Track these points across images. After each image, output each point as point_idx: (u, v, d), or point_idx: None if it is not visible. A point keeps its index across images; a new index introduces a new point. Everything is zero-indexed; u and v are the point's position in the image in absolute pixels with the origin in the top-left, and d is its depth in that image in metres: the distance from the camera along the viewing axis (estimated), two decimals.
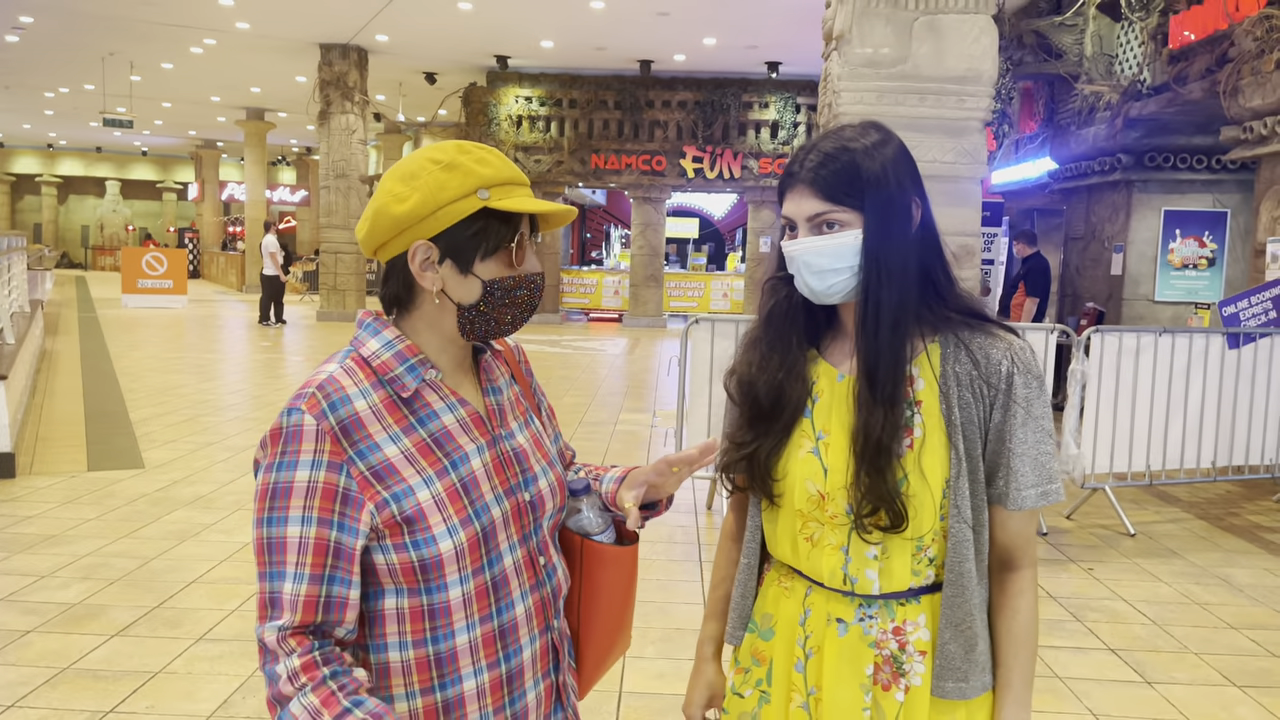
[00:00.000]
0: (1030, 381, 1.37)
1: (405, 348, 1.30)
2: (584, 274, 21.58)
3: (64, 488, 6.07)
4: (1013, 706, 1.40)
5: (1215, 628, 4.35)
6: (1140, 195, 10.79)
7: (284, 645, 1.18)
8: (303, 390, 1.25)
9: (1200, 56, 8.71)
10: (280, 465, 1.21)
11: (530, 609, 1.35)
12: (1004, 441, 1.37)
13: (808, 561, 1.43)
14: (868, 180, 1.34)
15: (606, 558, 1.45)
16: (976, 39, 4.81)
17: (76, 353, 12.55)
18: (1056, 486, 1.39)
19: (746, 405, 1.47)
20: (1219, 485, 7.02)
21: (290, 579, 1.19)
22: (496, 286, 1.30)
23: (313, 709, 1.16)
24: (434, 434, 1.29)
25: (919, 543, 1.37)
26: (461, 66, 18.60)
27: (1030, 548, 1.42)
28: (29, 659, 3.63)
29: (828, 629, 1.41)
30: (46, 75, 21.24)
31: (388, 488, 1.23)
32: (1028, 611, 1.41)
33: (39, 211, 39.56)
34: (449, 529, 1.25)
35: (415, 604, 1.26)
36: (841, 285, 1.37)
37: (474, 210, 1.27)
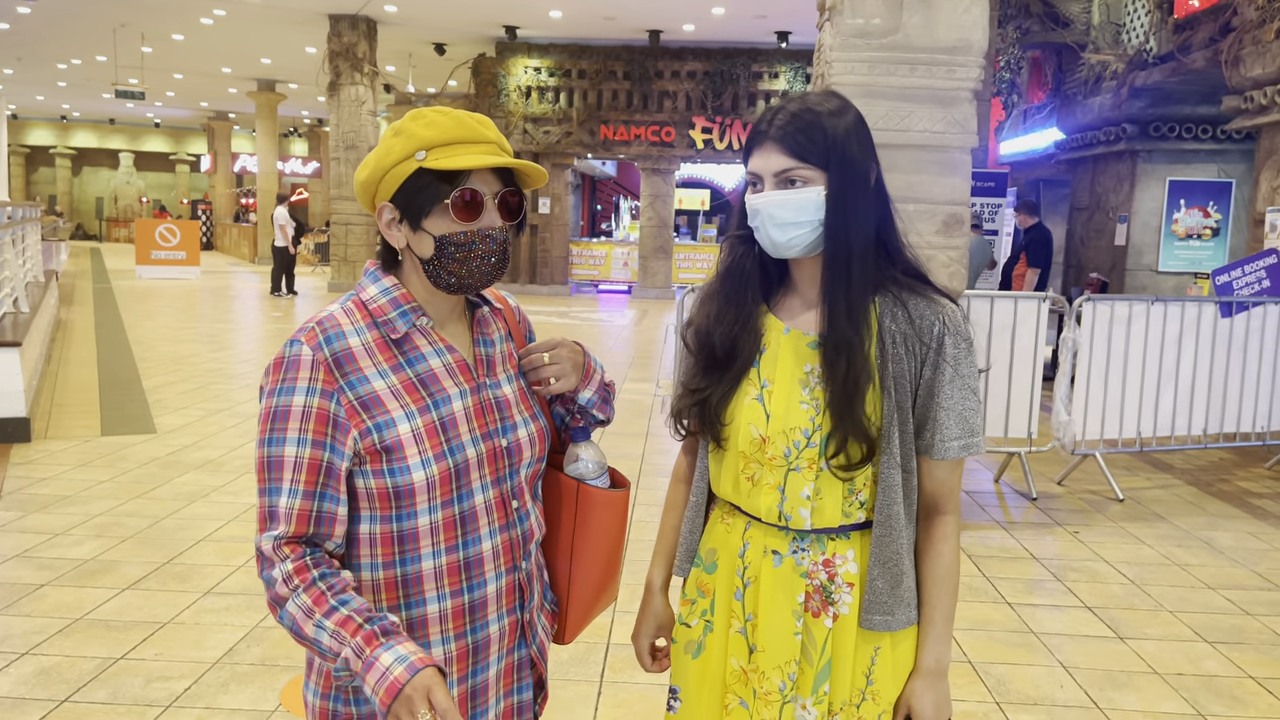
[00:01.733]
0: (959, 343, 1.47)
1: (400, 295, 1.43)
2: (593, 246, 21.64)
3: (78, 451, 6.25)
4: (935, 641, 1.52)
5: (1192, 587, 4.46)
6: (1145, 165, 10.78)
7: (279, 553, 1.31)
8: (305, 325, 1.39)
9: (1204, 25, 8.69)
10: (280, 390, 1.34)
11: (498, 547, 1.45)
12: (932, 396, 1.47)
13: (748, 499, 1.53)
14: (832, 142, 1.44)
15: (598, 501, 1.56)
16: (967, 9, 4.85)
17: (91, 322, 12.74)
18: (978, 440, 1.50)
19: (702, 355, 1.57)
20: (1212, 452, 7.10)
21: (285, 494, 1.32)
22: (447, 241, 1.39)
23: (305, 608, 1.29)
24: (420, 374, 1.40)
25: (851, 485, 1.48)
26: (470, 37, 18.60)
27: (954, 495, 1.53)
28: (43, 610, 3.80)
29: (764, 560, 1.52)
30: (58, 47, 21.33)
31: (372, 417, 1.35)
32: (950, 555, 1.52)
33: (53, 183, 39.79)
34: (423, 461, 1.36)
35: (386, 530, 1.38)
36: (801, 239, 1.46)
37: (412, 171, 1.37)
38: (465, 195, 1.37)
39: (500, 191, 1.41)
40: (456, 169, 1.36)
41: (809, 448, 1.48)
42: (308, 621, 1.29)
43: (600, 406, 1.63)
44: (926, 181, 4.91)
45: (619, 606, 3.97)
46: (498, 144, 1.41)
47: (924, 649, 1.52)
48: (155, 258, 20.92)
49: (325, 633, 1.29)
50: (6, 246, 8.27)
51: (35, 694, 3.14)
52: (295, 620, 1.30)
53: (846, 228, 1.44)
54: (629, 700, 3.23)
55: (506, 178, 1.42)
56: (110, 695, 3.15)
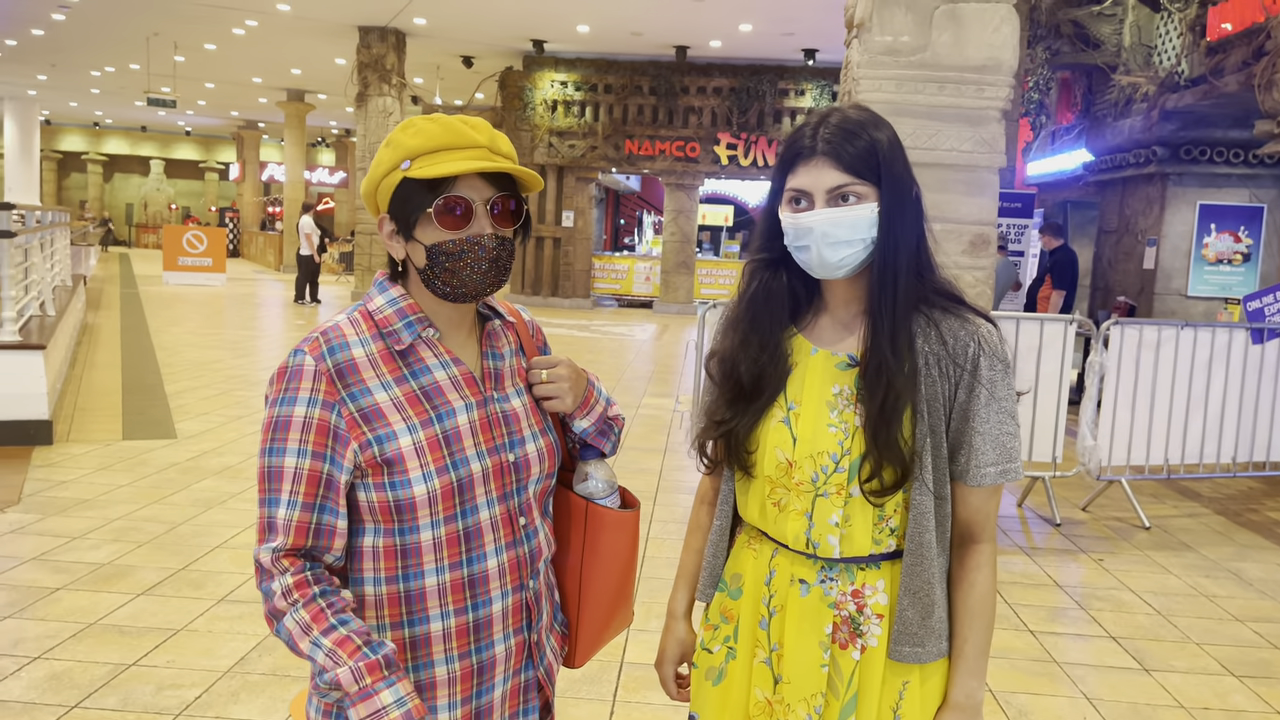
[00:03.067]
0: (995, 364, 1.42)
1: (406, 305, 1.40)
2: (615, 260, 21.65)
3: (99, 455, 6.27)
4: (965, 676, 1.46)
5: (1220, 619, 4.36)
6: (1175, 188, 10.67)
7: (277, 565, 1.29)
8: (310, 334, 1.38)
9: (1237, 49, 8.59)
10: (282, 400, 1.33)
11: (504, 564, 1.42)
12: (967, 420, 1.42)
13: (774, 525, 1.48)
14: (884, 157, 1.39)
15: (608, 521, 1.53)
16: (997, 28, 4.81)
17: (117, 327, 12.85)
18: (1016, 465, 1.43)
19: (727, 386, 1.52)
20: (1241, 481, 6.97)
21: (284, 505, 1.30)
22: (437, 250, 1.36)
23: (303, 623, 1.27)
24: (424, 387, 1.38)
25: (881, 512, 1.42)
26: (498, 50, 18.69)
27: (990, 524, 1.47)
28: (57, 614, 3.80)
29: (791, 589, 1.47)
30: (92, 54, 21.62)
31: (373, 429, 1.33)
32: (985, 585, 1.46)
33: (85, 189, 40.28)
34: (424, 475, 1.34)
35: (389, 543, 1.36)
36: (852, 258, 1.40)
37: (399, 182, 1.36)
38: (448, 203, 1.35)
39: (492, 197, 1.37)
40: (438, 176, 1.33)
41: (837, 472, 1.43)
42: (304, 638, 1.28)
43: (596, 439, 1.58)
44: (954, 201, 4.87)
45: (634, 626, 3.92)
46: (488, 148, 1.37)
47: (954, 683, 1.46)
48: (182, 264, 21.12)
49: (321, 650, 1.27)
50: (35, 250, 8.34)
51: (46, 699, 3.13)
52: (291, 635, 1.29)
53: (896, 245, 1.40)
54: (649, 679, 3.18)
55: (502, 183, 1.39)
56: (121, 702, 3.14)
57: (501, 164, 1.36)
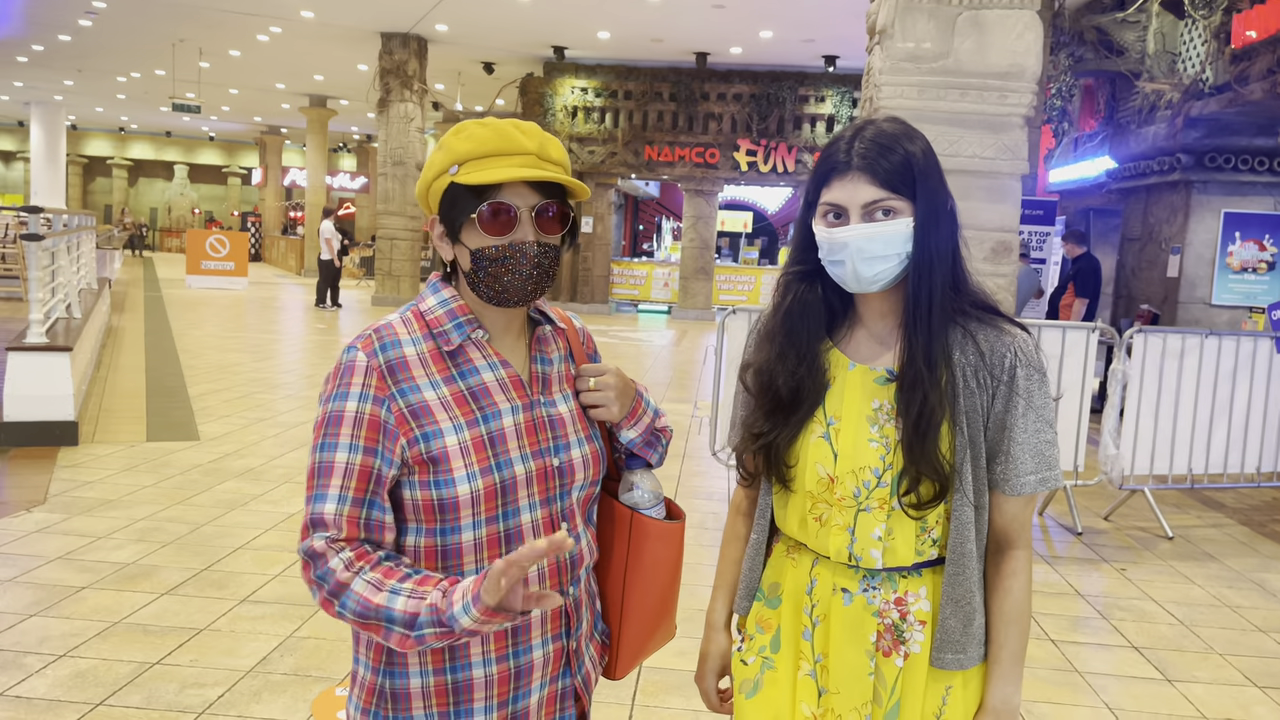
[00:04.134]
0: (1032, 374, 1.42)
1: (457, 306, 1.42)
2: (634, 265, 21.68)
3: (123, 456, 6.34)
4: (1001, 681, 1.47)
5: (1243, 630, 4.32)
6: (1199, 196, 10.58)
7: (333, 546, 1.28)
8: (363, 332, 1.40)
9: (1262, 56, 8.53)
10: (335, 396, 1.34)
11: (544, 569, 1.41)
12: (1005, 430, 1.43)
13: (815, 539, 1.48)
14: (919, 171, 1.39)
15: (652, 532, 1.52)
16: (1020, 35, 4.80)
17: (141, 330, 12.97)
18: (1055, 474, 1.44)
19: (765, 398, 1.51)
20: (1266, 491, 6.91)
21: (334, 500, 1.30)
22: (481, 255, 1.37)
23: (375, 580, 1.26)
24: (472, 387, 1.39)
25: (923, 524, 1.43)
26: (519, 57, 18.78)
27: (1025, 531, 1.48)
28: (82, 613, 3.84)
29: (833, 598, 1.47)
30: (118, 60, 21.87)
31: (420, 427, 1.33)
32: (1020, 591, 1.47)
33: (110, 193, 40.71)
34: (468, 474, 1.34)
35: (430, 543, 1.37)
36: (887, 273, 1.41)
37: (446, 186, 1.38)
38: (492, 209, 1.36)
39: (538, 204, 1.37)
40: (483, 184, 1.34)
41: (880, 487, 1.42)
42: (378, 592, 1.26)
43: (643, 449, 1.57)
44: (976, 208, 4.85)
45: None
46: (537, 154, 1.37)
47: (991, 688, 1.47)
48: (205, 268, 21.32)
49: (401, 595, 1.25)
50: (61, 254, 8.44)
51: (71, 696, 3.17)
52: (362, 597, 1.26)
53: (931, 260, 1.40)
54: (665, 685, 3.18)
55: (549, 190, 1.39)
56: (145, 700, 3.17)
57: (549, 172, 1.36)
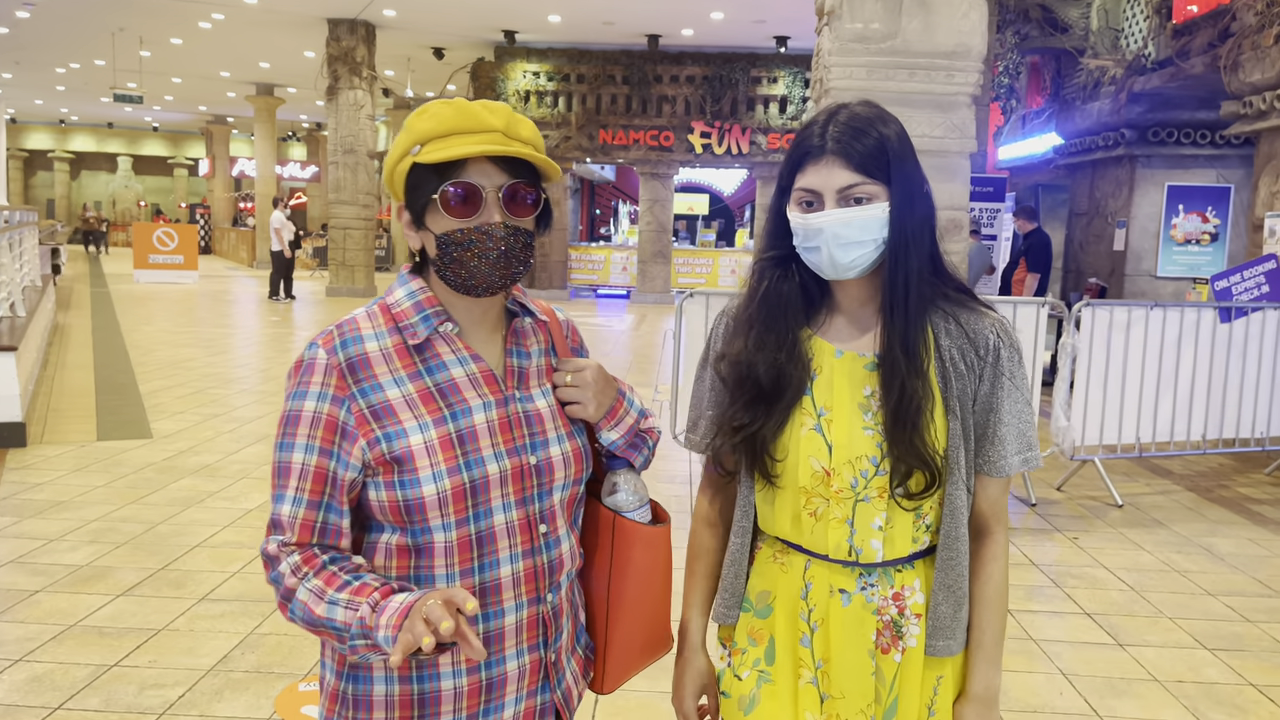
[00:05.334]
0: (1014, 354, 1.43)
1: (425, 299, 1.35)
2: (592, 250, 21.64)
3: (74, 456, 6.22)
4: (985, 666, 1.46)
5: (1192, 594, 4.45)
6: (1144, 170, 10.79)
7: (285, 550, 1.26)
8: (327, 328, 1.34)
9: (1203, 31, 8.69)
10: (294, 395, 1.30)
11: (519, 573, 1.34)
12: (992, 412, 1.42)
13: (810, 536, 1.43)
14: (894, 155, 1.36)
15: (638, 536, 1.44)
16: (965, 14, 4.85)
17: (88, 326, 12.72)
18: (1036, 453, 1.44)
19: (743, 388, 1.44)
20: (1211, 458, 7.09)
21: (290, 502, 1.27)
22: (446, 240, 1.30)
23: (316, 590, 1.22)
24: (439, 383, 1.32)
25: (919, 510, 1.41)
26: (469, 41, 18.60)
27: (1004, 513, 1.48)
28: (37, 616, 3.78)
29: (831, 600, 1.43)
30: (57, 51, 21.33)
31: (382, 427, 1.28)
32: (1000, 575, 1.47)
33: (52, 187, 39.78)
34: (434, 474, 1.28)
35: (402, 542, 1.31)
36: (863, 259, 1.37)
37: (408, 167, 1.31)
38: (454, 189, 1.28)
39: (505, 185, 1.30)
40: (445, 160, 1.27)
41: (878, 475, 1.39)
42: (319, 602, 1.22)
43: (626, 451, 1.48)
44: None
45: None
46: (503, 132, 1.29)
47: (974, 674, 1.46)
48: (153, 262, 20.92)
49: (339, 606, 1.21)
50: (3, 250, 8.25)
51: (28, 701, 3.12)
52: (306, 606, 1.23)
53: (908, 244, 1.37)
54: (626, 708, 3.21)
55: (518, 169, 1.31)
56: (103, 703, 3.13)
57: (515, 148, 1.29)
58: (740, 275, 17.18)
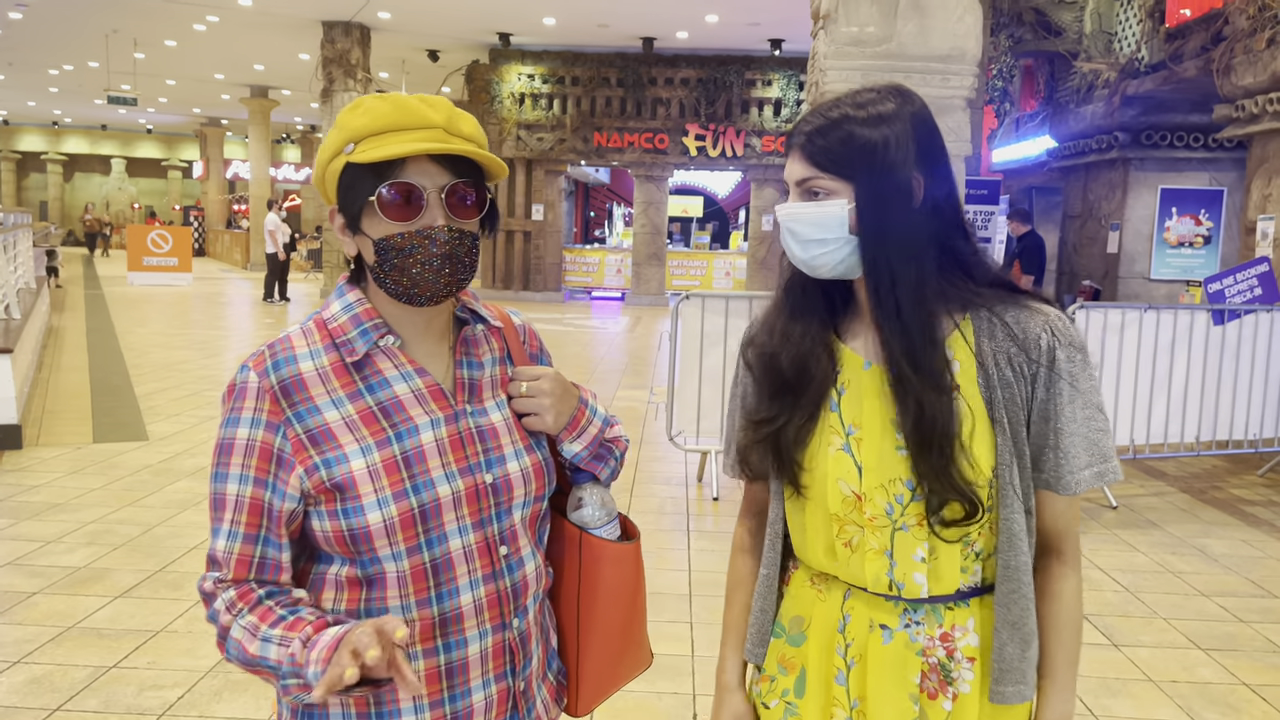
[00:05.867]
0: (1074, 354, 1.26)
1: (363, 311, 1.26)
2: (586, 252, 21.66)
3: (70, 458, 6.22)
4: (1057, 695, 1.32)
5: (1186, 595, 4.47)
6: (1137, 173, 10.84)
7: (220, 586, 1.19)
8: (259, 348, 1.25)
9: (1196, 34, 8.74)
10: (227, 422, 1.21)
11: (480, 600, 1.26)
12: (1050, 420, 1.27)
13: (847, 568, 1.32)
14: (860, 149, 1.25)
15: (606, 554, 1.37)
16: (961, 18, 4.88)
17: (83, 329, 12.70)
18: (1112, 465, 1.28)
19: (768, 377, 1.36)
20: (1205, 460, 7.12)
21: (225, 536, 1.19)
22: (385, 245, 1.20)
23: (250, 626, 1.15)
24: (382, 402, 1.23)
25: (968, 538, 1.27)
26: (464, 44, 18.61)
27: (1073, 531, 1.33)
28: (35, 618, 3.78)
29: (870, 636, 1.31)
30: (50, 53, 21.28)
31: (321, 453, 1.19)
32: (1071, 597, 1.32)
33: (44, 189, 39.67)
34: (379, 500, 1.19)
35: (353, 573, 1.23)
36: (828, 257, 1.27)
37: (342, 167, 1.22)
38: (393, 190, 1.18)
39: (448, 184, 1.20)
40: (382, 159, 1.17)
41: (915, 500, 1.26)
42: (253, 640, 1.15)
43: (590, 464, 1.38)
44: None
45: None
46: (444, 128, 1.20)
47: (1047, 704, 1.32)
48: (147, 264, 20.90)
49: (272, 644, 1.13)
50: None
51: (27, 703, 3.12)
52: (240, 644, 1.15)
53: (883, 244, 1.25)
54: (624, 709, 3.22)
55: (463, 169, 1.22)
56: (102, 704, 3.13)
57: (458, 145, 1.19)
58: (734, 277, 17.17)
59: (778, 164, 18.84)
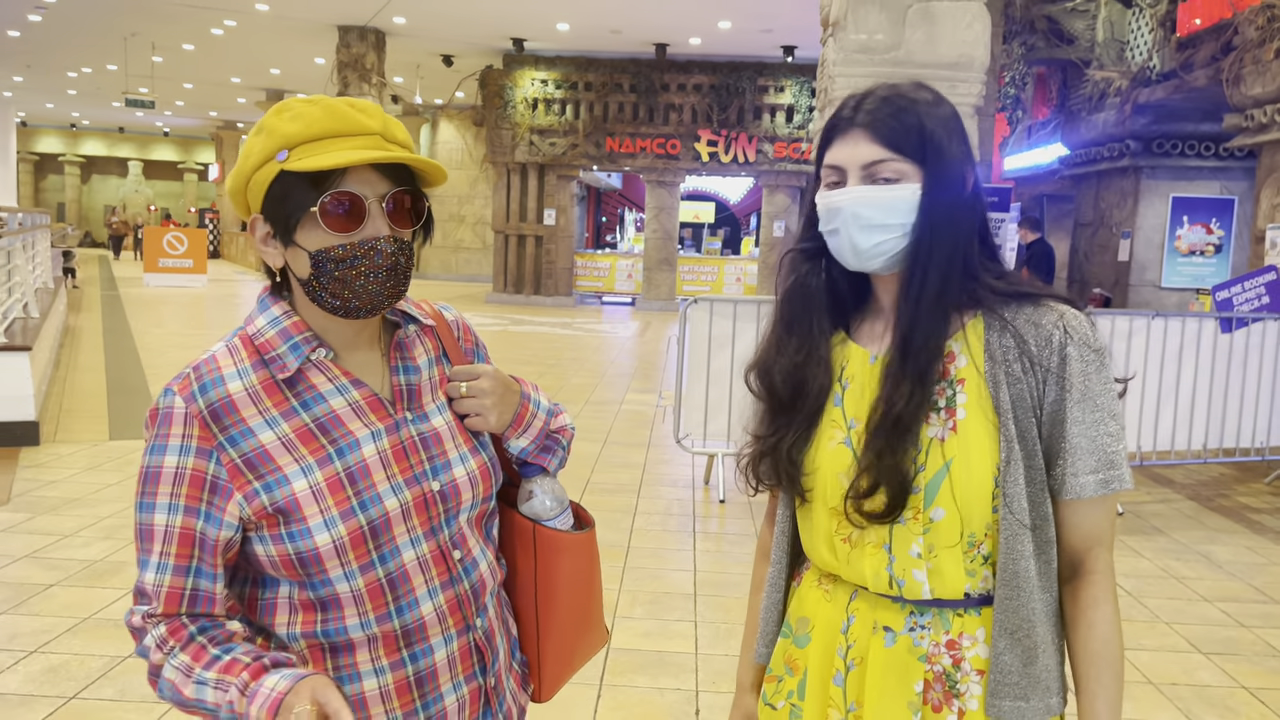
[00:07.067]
0: (1087, 354, 1.21)
1: (291, 324, 1.21)
2: (597, 257, 21.74)
3: (86, 455, 6.31)
4: None
5: (1189, 600, 4.50)
6: (1148, 182, 10.85)
7: (150, 621, 1.14)
8: (182, 370, 1.19)
9: (1206, 44, 8.76)
10: (153, 449, 1.15)
11: (442, 608, 1.24)
12: (1060, 422, 1.21)
13: (848, 565, 1.28)
14: (930, 135, 1.21)
15: (561, 544, 1.35)
16: (969, 25, 4.93)
17: (99, 328, 12.83)
18: (1120, 473, 1.21)
19: (768, 396, 1.34)
20: (1212, 467, 7.13)
21: (154, 568, 1.14)
22: (324, 257, 1.16)
23: (184, 666, 1.10)
24: (318, 418, 1.19)
25: (970, 538, 1.22)
26: (478, 49, 18.74)
27: (1102, 548, 1.24)
28: (52, 610, 3.85)
29: (873, 638, 1.26)
30: (69, 55, 21.52)
31: (259, 476, 1.15)
32: (1106, 624, 1.22)
33: (62, 191, 40.02)
34: (326, 521, 1.15)
35: (305, 596, 1.19)
36: (888, 246, 1.22)
37: (274, 176, 1.16)
38: (336, 201, 1.14)
39: (389, 193, 1.16)
40: (323, 169, 1.12)
41: (914, 493, 1.22)
42: (188, 682, 1.10)
43: (538, 456, 1.37)
44: None
45: (620, 611, 4.02)
46: (381, 134, 1.16)
47: None
48: (163, 265, 21.09)
49: (208, 686, 1.09)
50: (17, 252, 8.35)
51: (44, 691, 3.19)
52: (174, 686, 1.11)
53: (933, 236, 1.21)
54: (628, 703, 3.27)
55: (400, 176, 1.18)
56: (118, 693, 3.20)
57: (399, 153, 1.15)
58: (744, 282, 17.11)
59: (789, 170, 18.90)
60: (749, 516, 5.52)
